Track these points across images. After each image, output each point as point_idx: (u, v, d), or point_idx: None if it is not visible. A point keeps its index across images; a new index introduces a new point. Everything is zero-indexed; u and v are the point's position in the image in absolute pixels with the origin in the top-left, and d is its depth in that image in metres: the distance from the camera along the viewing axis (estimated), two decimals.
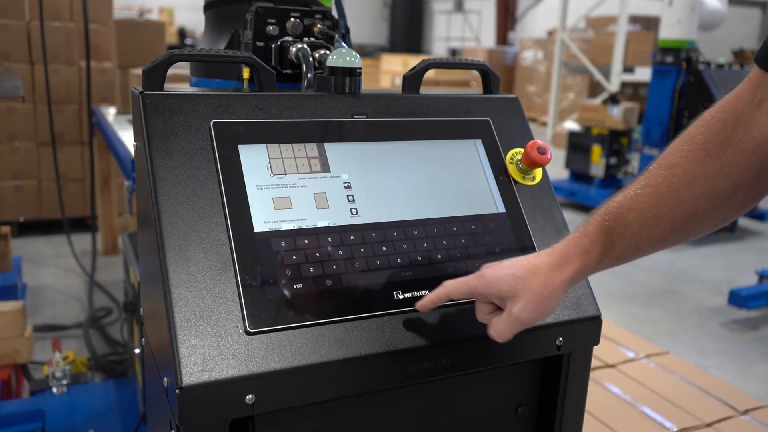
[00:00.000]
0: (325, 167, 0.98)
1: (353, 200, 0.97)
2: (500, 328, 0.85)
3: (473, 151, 1.09)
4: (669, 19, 5.58)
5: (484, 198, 1.05)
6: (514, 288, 0.82)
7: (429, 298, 0.89)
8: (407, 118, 1.07)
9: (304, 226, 0.92)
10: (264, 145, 0.95)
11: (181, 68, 3.40)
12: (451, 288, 0.87)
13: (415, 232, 0.98)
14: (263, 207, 0.91)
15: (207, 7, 1.31)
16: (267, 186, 0.93)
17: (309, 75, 1.12)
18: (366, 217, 0.96)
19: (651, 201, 0.79)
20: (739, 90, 0.79)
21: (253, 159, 0.94)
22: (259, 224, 0.90)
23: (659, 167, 0.81)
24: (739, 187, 0.77)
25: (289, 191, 0.94)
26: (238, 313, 0.84)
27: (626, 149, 6.00)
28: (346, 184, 0.98)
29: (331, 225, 0.94)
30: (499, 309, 0.86)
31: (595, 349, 1.10)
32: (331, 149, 1.00)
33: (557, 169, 6.82)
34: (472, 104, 1.13)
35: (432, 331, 0.92)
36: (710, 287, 4.28)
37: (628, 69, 8.77)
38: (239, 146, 0.94)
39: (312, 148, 0.98)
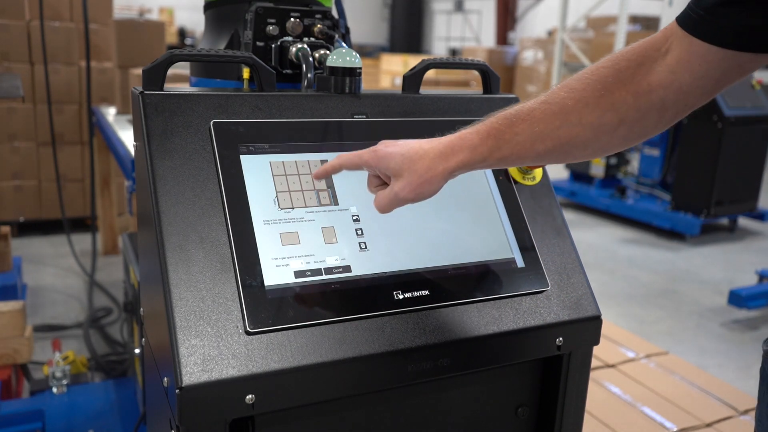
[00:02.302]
0: (334, 200, 0.97)
1: (360, 232, 0.97)
2: (381, 201, 0.89)
3: (482, 177, 1.07)
4: (669, 19, 5.58)
5: (493, 223, 1.05)
6: (401, 167, 0.87)
7: (323, 168, 0.92)
8: (407, 118, 1.07)
9: (313, 263, 0.91)
10: (271, 176, 0.94)
11: (181, 68, 3.40)
12: (344, 158, 0.91)
13: (416, 240, 0.98)
14: (272, 244, 0.90)
15: (207, 7, 1.31)
16: (274, 221, 0.92)
17: (309, 75, 1.12)
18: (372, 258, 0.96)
19: (543, 116, 0.84)
20: (653, 37, 0.84)
21: (261, 194, 0.92)
22: (267, 261, 0.88)
23: (561, 89, 0.86)
24: (622, 123, 0.83)
25: (297, 226, 0.93)
26: (238, 313, 0.83)
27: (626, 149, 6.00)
28: (354, 218, 0.97)
29: (340, 264, 0.92)
30: (386, 184, 0.90)
31: (595, 349, 1.10)
32: (338, 180, 0.98)
33: (557, 169, 6.82)
34: (472, 104, 1.13)
35: (432, 331, 0.92)
36: (710, 287, 4.28)
37: None
38: (245, 176, 0.93)
39: (321, 184, 0.97)
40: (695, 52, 0.78)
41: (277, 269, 0.88)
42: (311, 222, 0.94)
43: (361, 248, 0.94)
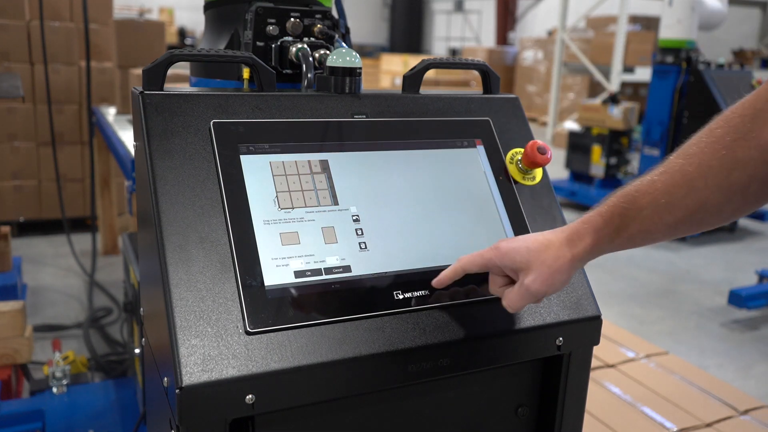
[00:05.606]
0: (334, 200, 0.96)
1: (360, 232, 0.97)
2: (512, 299, 0.87)
3: (482, 177, 1.07)
4: (669, 19, 5.58)
5: (493, 224, 1.04)
6: (527, 260, 0.85)
7: (445, 274, 0.91)
8: (407, 118, 1.07)
9: (313, 263, 0.90)
10: (271, 176, 0.93)
11: (181, 68, 3.40)
12: (466, 261, 0.90)
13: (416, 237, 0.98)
14: (272, 244, 0.89)
15: (207, 7, 1.31)
16: (274, 221, 0.91)
17: (309, 75, 1.12)
18: (374, 256, 0.95)
19: (665, 187, 0.81)
20: (762, 88, 0.81)
21: (261, 194, 0.92)
22: (267, 261, 0.88)
23: (677, 156, 0.83)
24: (752, 180, 0.78)
25: (297, 226, 0.92)
26: (238, 313, 0.83)
27: (626, 149, 6.00)
28: (354, 217, 0.97)
29: (340, 264, 0.92)
30: (511, 282, 0.89)
31: (595, 349, 1.10)
32: (338, 180, 0.97)
33: (557, 169, 6.82)
34: (472, 104, 1.13)
35: (432, 331, 0.92)
36: (710, 287, 4.28)
37: (628, 69, 8.77)
38: (245, 176, 0.92)
39: (321, 180, 0.96)
40: None
41: (277, 269, 0.88)
42: (311, 222, 0.93)
43: (361, 248, 0.94)
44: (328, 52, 1.16)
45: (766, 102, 0.78)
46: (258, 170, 0.93)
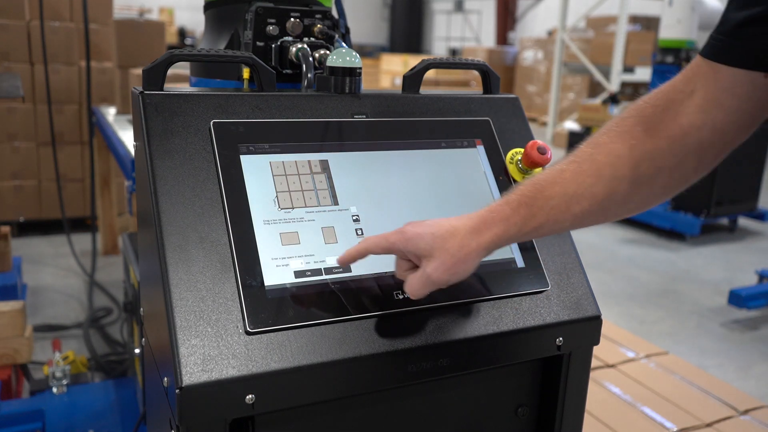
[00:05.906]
0: (334, 200, 0.96)
1: (360, 232, 0.97)
2: (414, 285, 0.84)
3: (482, 177, 1.08)
4: (669, 19, 5.58)
5: None
6: (431, 247, 0.82)
7: (349, 253, 0.87)
8: (407, 118, 1.07)
9: (312, 263, 0.90)
10: (271, 176, 0.93)
11: (181, 68, 3.40)
12: (371, 243, 0.86)
13: None
14: (272, 244, 0.89)
15: (207, 7, 1.31)
16: (274, 221, 0.91)
17: (309, 75, 1.12)
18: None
19: (574, 176, 0.80)
20: (675, 79, 0.80)
21: (261, 194, 0.92)
22: (267, 261, 0.88)
23: (588, 145, 0.82)
24: (660, 172, 0.78)
25: (297, 226, 0.92)
26: (238, 313, 0.84)
27: None
28: (354, 217, 0.97)
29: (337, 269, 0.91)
30: (416, 267, 0.85)
31: (595, 349, 1.10)
32: (338, 180, 0.97)
33: None
34: (472, 104, 1.13)
35: (432, 331, 0.92)
36: (710, 287, 4.28)
37: (628, 69, 8.77)
38: (245, 176, 0.92)
39: (321, 180, 0.96)
40: (723, 86, 0.74)
41: (277, 269, 0.88)
42: (311, 222, 0.93)
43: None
44: (328, 52, 1.16)
45: (680, 93, 0.78)
46: (258, 170, 0.93)
